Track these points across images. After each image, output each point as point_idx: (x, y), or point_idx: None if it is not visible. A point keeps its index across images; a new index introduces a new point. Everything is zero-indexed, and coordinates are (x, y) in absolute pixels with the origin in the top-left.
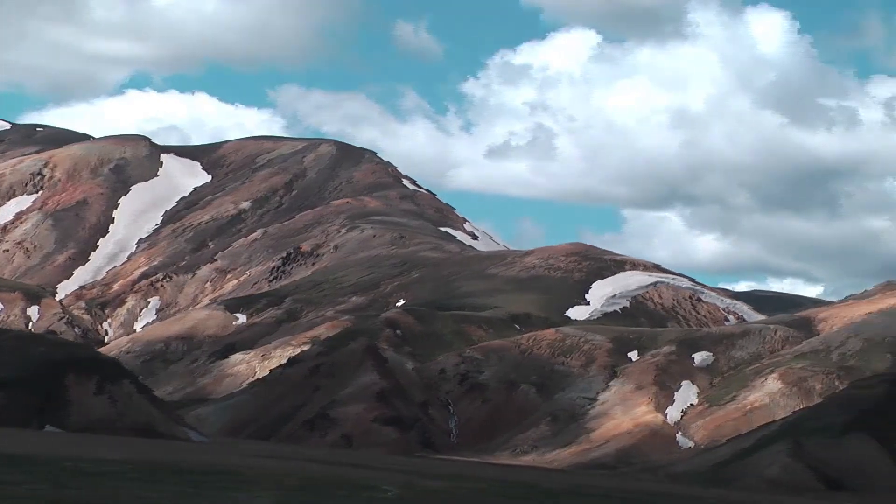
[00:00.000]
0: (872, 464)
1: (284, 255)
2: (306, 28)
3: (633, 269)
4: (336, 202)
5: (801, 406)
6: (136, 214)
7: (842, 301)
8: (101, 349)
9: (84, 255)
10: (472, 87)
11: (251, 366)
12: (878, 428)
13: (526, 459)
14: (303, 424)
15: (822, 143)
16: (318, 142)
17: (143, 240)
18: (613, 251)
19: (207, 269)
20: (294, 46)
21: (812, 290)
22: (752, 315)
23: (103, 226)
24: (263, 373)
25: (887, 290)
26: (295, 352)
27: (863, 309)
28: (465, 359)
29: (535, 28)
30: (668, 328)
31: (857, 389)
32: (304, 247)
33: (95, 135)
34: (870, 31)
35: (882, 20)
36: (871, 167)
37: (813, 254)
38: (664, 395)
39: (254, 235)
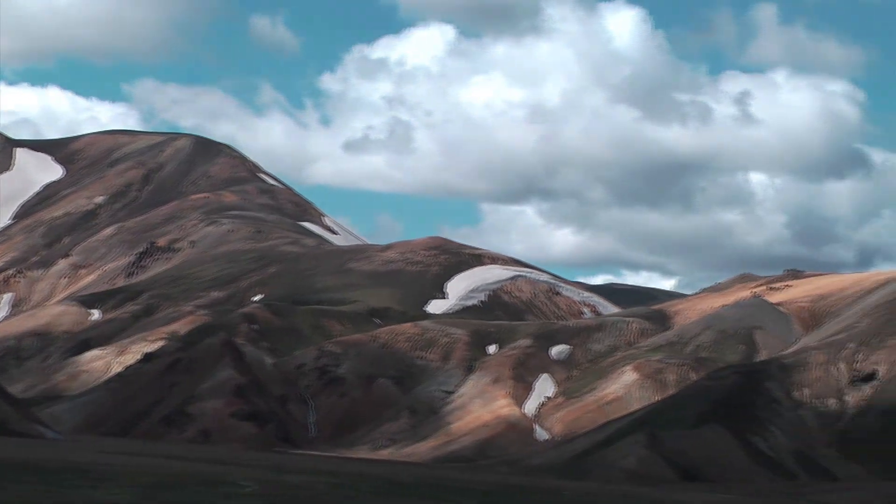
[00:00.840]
0: (726, 454)
1: (141, 250)
2: (162, 22)
3: (492, 263)
4: (193, 197)
5: (657, 398)
6: None
7: (696, 294)
8: None
9: None
10: (329, 82)
11: (107, 362)
12: (732, 419)
13: (384, 453)
14: (160, 420)
15: (676, 137)
16: (174, 136)
17: None
18: (471, 245)
19: (62, 264)
20: (149, 40)
21: (667, 283)
22: (609, 308)
23: None
24: (119, 369)
25: (740, 282)
26: (152, 347)
27: (716, 301)
28: (324, 353)
29: (392, 23)
30: (526, 321)
31: (710, 381)
32: (161, 241)
33: None
34: (721, 27)
35: (733, 17)
36: (724, 161)
37: (667, 247)
38: (522, 388)
39: (109, 230)
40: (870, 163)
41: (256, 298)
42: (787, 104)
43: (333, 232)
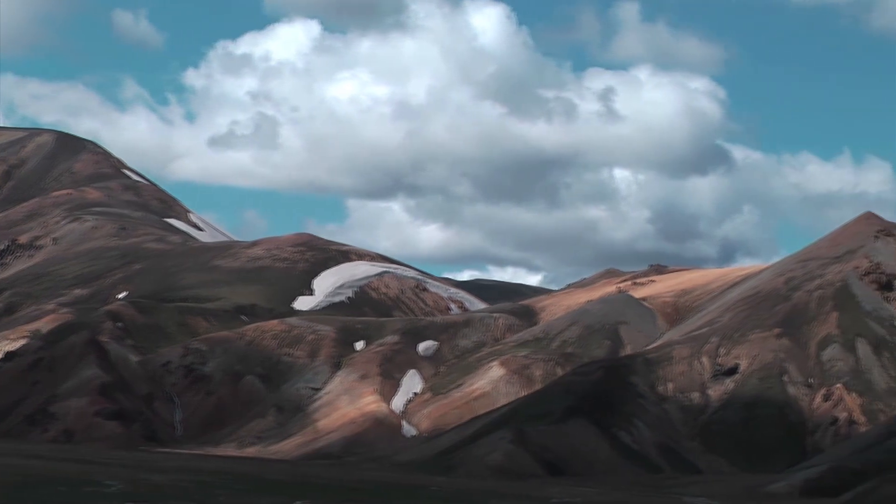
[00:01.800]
0: (591, 448)
1: (2, 247)
2: (22, 15)
3: (359, 260)
4: (56, 193)
5: (523, 393)
6: None
7: (562, 289)
8: None
9: None
10: (193, 77)
11: None
12: (597, 413)
13: (251, 451)
14: (22, 420)
15: (542, 133)
16: (36, 132)
17: None
18: (338, 241)
19: None
20: (9, 34)
21: (533, 279)
22: (476, 304)
23: None
24: None
25: (605, 278)
26: (13, 346)
27: (582, 297)
28: (190, 351)
29: (256, 19)
30: (394, 318)
31: (576, 376)
32: (23, 239)
33: None
34: (585, 24)
35: (596, 14)
36: (589, 157)
37: (533, 243)
38: (389, 385)
39: None
40: (731, 159)
41: (121, 296)
42: (650, 101)
43: (199, 228)
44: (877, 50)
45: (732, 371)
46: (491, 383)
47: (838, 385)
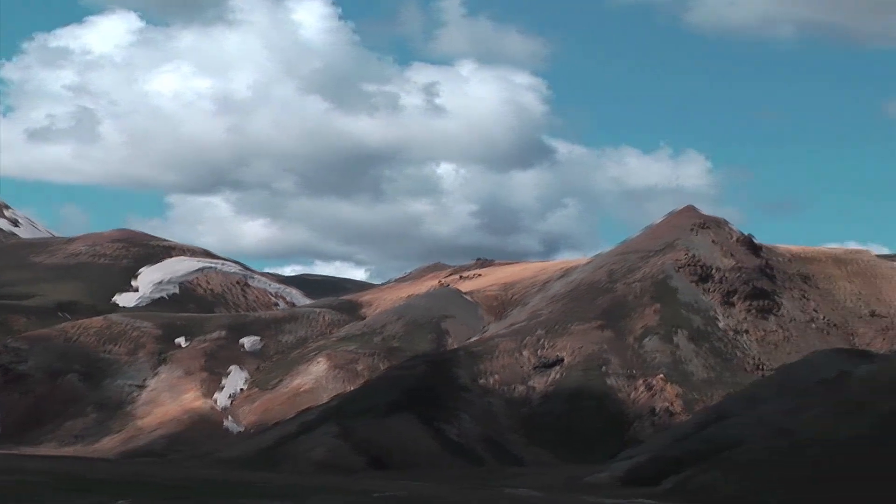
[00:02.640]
0: (416, 442)
1: None
2: None
3: (182, 255)
4: None
5: (348, 388)
6: None
7: (386, 284)
8: None
9: None
10: (9, 71)
11: None
12: (422, 407)
13: (70, 450)
14: None
15: (366, 128)
16: None
17: None
18: (161, 237)
19: None
20: None
21: (357, 274)
22: (301, 299)
23: None
24: None
25: (429, 272)
26: None
27: (406, 291)
28: (7, 349)
29: (75, 11)
30: (218, 314)
31: (401, 370)
32: None
33: None
34: (408, 19)
35: (419, 8)
36: (413, 152)
37: (358, 238)
38: (213, 381)
39: None
40: (553, 154)
41: None
42: (473, 96)
43: (19, 225)
44: (693, 46)
45: (555, 363)
46: (316, 378)
47: (658, 376)
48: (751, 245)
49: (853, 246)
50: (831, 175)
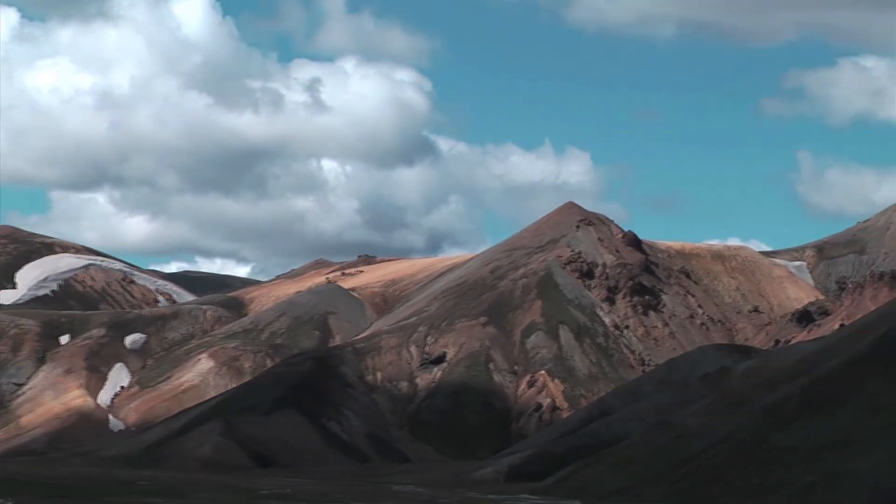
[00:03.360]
0: (300, 438)
1: None
2: None
3: (63, 252)
4: None
5: (233, 385)
6: None
7: (271, 281)
8: None
9: None
10: None
11: None
12: (306, 404)
13: None
14: None
15: (249, 124)
16: None
17: None
18: (42, 234)
19: None
20: None
21: (242, 271)
22: (185, 296)
23: None
24: None
25: (314, 269)
26: None
27: (291, 288)
28: None
29: None
30: (100, 311)
31: (285, 367)
32: None
33: None
34: (290, 15)
35: (301, 4)
36: (297, 149)
37: (242, 234)
38: (96, 379)
39: None
40: (437, 150)
41: None
42: (356, 92)
43: None
44: (575, 44)
45: (440, 360)
46: (200, 376)
47: (542, 372)
48: (633, 241)
49: (734, 242)
50: (711, 172)
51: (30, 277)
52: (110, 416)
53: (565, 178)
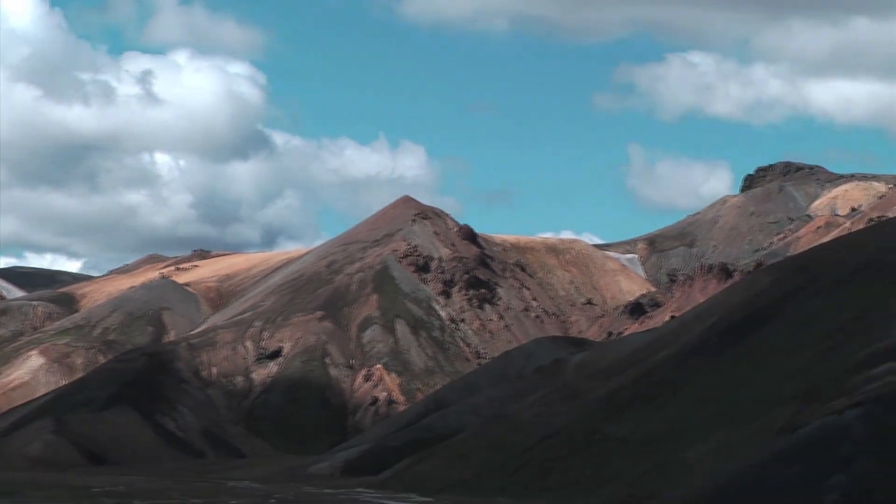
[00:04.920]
0: (134, 435)
1: None
2: None
3: None
4: None
5: (64, 382)
6: None
7: (103, 276)
8: None
9: None
10: None
11: None
12: (140, 400)
13: None
14: None
15: (79, 117)
16: None
17: None
18: None
19: None
20: None
21: (73, 266)
22: (14, 292)
23: None
24: None
25: (148, 263)
26: None
27: (124, 283)
28: None
29: None
30: None
31: (118, 363)
32: None
33: None
34: (120, 7)
35: None
36: (129, 142)
37: (73, 229)
38: None
39: None
40: (272, 144)
41: None
42: (190, 85)
43: None
44: (409, 38)
45: (276, 354)
46: (30, 373)
47: (378, 366)
48: (469, 235)
49: (567, 235)
50: (545, 165)
51: None
52: None
53: (401, 172)
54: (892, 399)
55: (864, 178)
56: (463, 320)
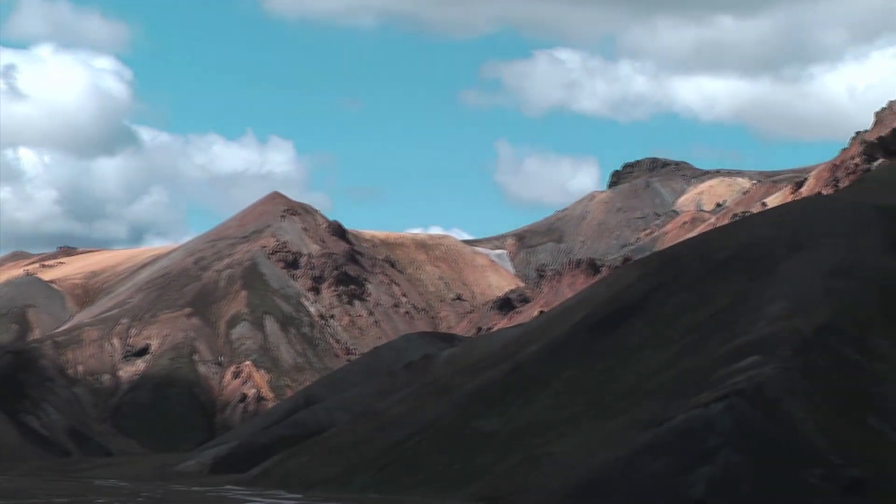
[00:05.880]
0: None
1: None
2: None
3: None
4: None
5: None
6: None
7: None
8: None
9: None
10: None
11: None
12: (4, 399)
13: None
14: None
15: None
16: None
17: None
18: None
19: None
20: None
21: None
22: None
23: None
24: None
25: (11, 260)
26: None
27: None
28: None
29: None
30: None
31: None
32: None
33: None
34: None
35: None
36: None
37: None
38: None
39: None
40: (139, 140)
41: None
42: (54, 80)
43: None
44: (276, 33)
45: (143, 352)
46: None
47: (247, 362)
48: (338, 231)
49: (436, 231)
50: (414, 161)
51: None
52: None
53: (269, 168)
54: (756, 392)
55: (729, 173)
56: (332, 316)
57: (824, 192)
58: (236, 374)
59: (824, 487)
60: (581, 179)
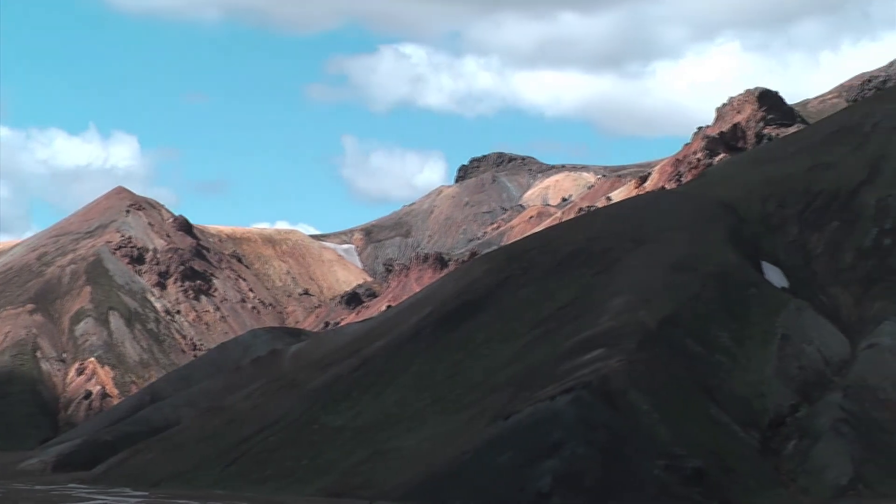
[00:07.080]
0: None
1: None
2: None
3: None
4: None
5: None
6: None
7: None
8: None
9: None
10: None
11: None
12: None
13: None
14: None
15: None
16: None
17: None
18: None
19: None
20: None
21: None
22: None
23: None
24: None
25: None
26: None
27: None
28: None
29: None
30: None
31: None
32: None
33: None
34: None
35: None
36: None
37: None
38: None
39: None
40: None
41: None
42: None
43: None
44: (119, 27)
45: None
46: None
47: (91, 359)
48: (184, 226)
49: (283, 226)
50: (259, 156)
51: None
52: None
53: (113, 163)
54: (601, 385)
55: (574, 168)
56: (178, 312)
57: (667, 187)
58: (80, 371)
59: (667, 479)
60: (428, 174)
